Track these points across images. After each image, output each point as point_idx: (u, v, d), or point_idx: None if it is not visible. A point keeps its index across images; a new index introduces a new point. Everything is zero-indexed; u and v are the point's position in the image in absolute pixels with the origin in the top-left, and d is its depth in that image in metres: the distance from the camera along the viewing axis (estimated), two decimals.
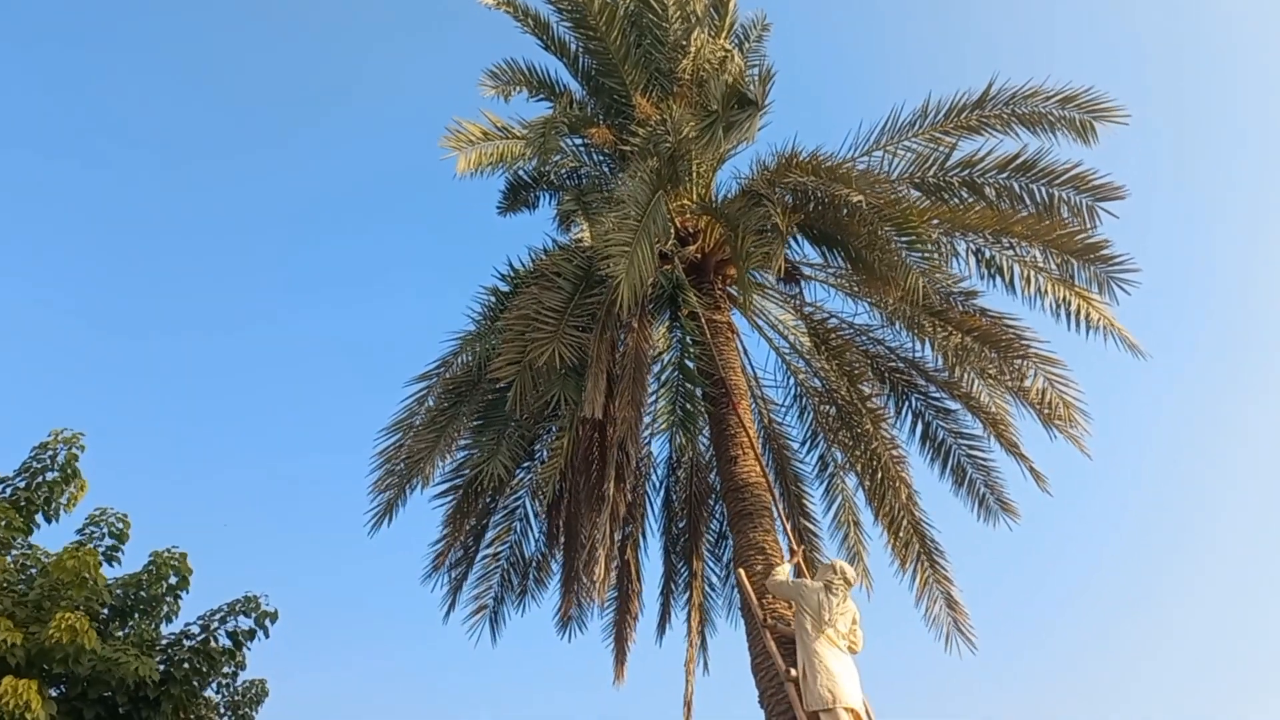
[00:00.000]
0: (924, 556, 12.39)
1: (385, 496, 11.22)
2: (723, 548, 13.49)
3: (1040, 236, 10.60)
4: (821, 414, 13.09)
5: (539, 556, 12.80)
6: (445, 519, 11.64)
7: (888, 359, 12.73)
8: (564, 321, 10.36)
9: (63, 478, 10.52)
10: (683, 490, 13.46)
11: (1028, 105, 11.05)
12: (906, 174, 11.54)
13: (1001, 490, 12.40)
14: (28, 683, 8.18)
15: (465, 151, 12.66)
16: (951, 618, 12.34)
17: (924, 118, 11.63)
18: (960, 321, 11.40)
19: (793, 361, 13.34)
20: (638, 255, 9.65)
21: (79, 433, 10.73)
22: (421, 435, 11.29)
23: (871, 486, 12.60)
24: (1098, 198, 10.59)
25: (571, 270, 10.98)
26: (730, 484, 11.02)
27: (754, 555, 10.30)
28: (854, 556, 13.19)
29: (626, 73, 12.76)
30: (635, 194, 10.44)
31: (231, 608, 10.27)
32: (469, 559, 12.38)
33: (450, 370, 12.00)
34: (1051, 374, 11.23)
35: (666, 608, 13.91)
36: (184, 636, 10.20)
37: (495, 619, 12.71)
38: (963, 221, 11.06)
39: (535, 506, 12.40)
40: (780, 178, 10.97)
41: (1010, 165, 10.94)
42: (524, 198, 14.04)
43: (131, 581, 10.38)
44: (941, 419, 12.57)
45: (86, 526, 10.61)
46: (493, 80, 13.45)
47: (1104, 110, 10.74)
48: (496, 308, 11.78)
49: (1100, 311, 10.79)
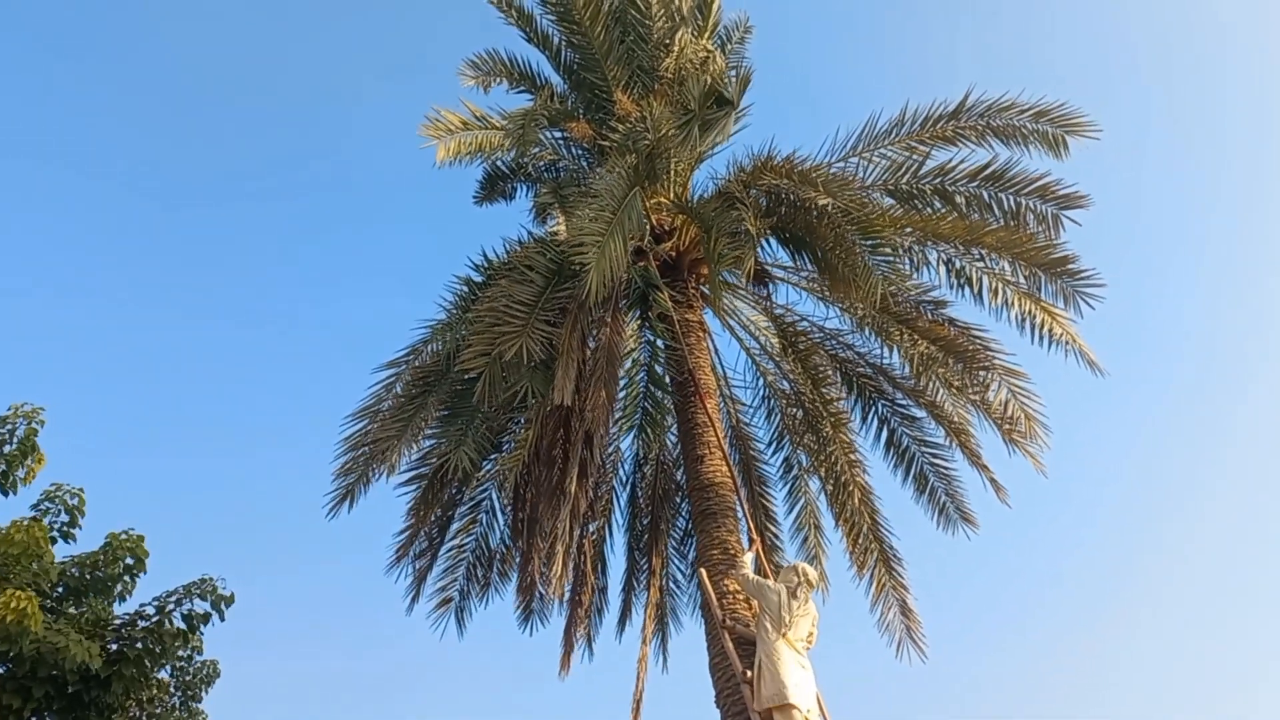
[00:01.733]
0: (881, 563, 12.49)
1: (346, 481, 11.15)
2: (688, 545, 13.51)
3: (1010, 248, 10.71)
4: (788, 416, 13.16)
5: (504, 549, 12.76)
6: (409, 508, 11.58)
7: (856, 364, 12.81)
8: (534, 315, 10.32)
9: (20, 451, 10.38)
10: (649, 487, 13.48)
11: (1002, 118, 11.15)
12: (880, 181, 11.63)
13: (962, 500, 12.54)
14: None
15: (444, 140, 12.62)
16: (905, 624, 12.45)
17: (900, 126, 11.71)
18: (928, 330, 11.50)
19: (762, 362, 13.40)
20: (610, 247, 9.64)
21: (39, 407, 10.60)
22: (388, 423, 11.24)
23: (833, 491, 12.69)
24: (1063, 206, 10.73)
25: (545, 264, 10.95)
26: (696, 482, 11.04)
27: (717, 554, 10.34)
28: (813, 559, 13.26)
29: (609, 68, 12.76)
30: (611, 188, 10.45)
31: (187, 590, 10.17)
32: (433, 550, 12.33)
33: (420, 358, 11.94)
34: (1015, 386, 11.36)
35: (628, 603, 13.93)
36: (138, 617, 10.10)
37: (461, 612, 12.68)
38: (935, 231, 11.15)
39: (501, 499, 12.38)
40: (755, 180, 11.02)
41: (981, 174, 11.05)
42: (501, 188, 14.02)
43: (86, 561, 10.27)
44: (907, 426, 12.67)
45: (41, 502, 10.49)
46: (473, 70, 13.41)
47: (1076, 125, 10.87)
48: (469, 298, 11.73)
49: (1063, 326, 10.92)
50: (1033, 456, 11.48)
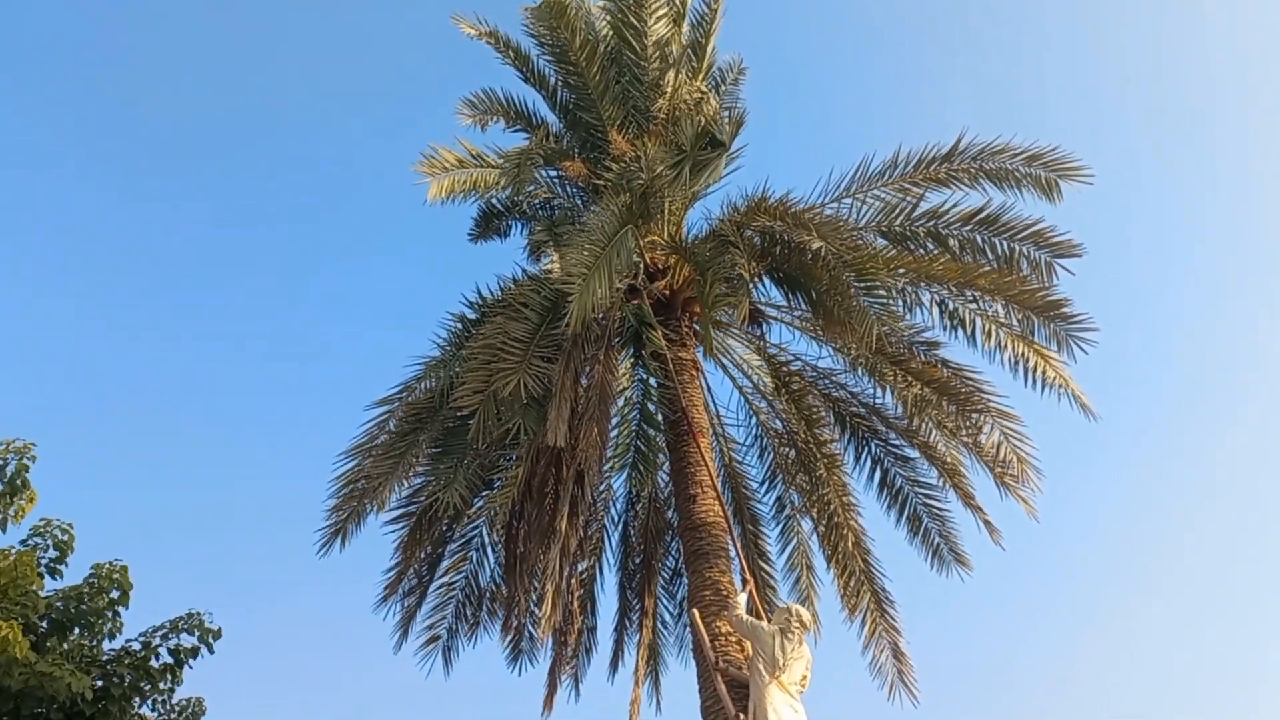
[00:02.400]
0: (874, 605, 12.43)
1: (338, 518, 11.10)
2: (678, 585, 13.44)
3: (1003, 291, 10.76)
4: (781, 455, 13.14)
5: (494, 587, 12.66)
6: (399, 546, 11.51)
7: (849, 403, 12.82)
8: (529, 352, 10.36)
9: (10, 489, 10.30)
10: (641, 525, 13.42)
11: (995, 161, 11.23)
12: (874, 222, 11.69)
13: (956, 541, 12.50)
14: None
15: (439, 178, 12.67)
16: (897, 668, 12.36)
17: (894, 168, 11.79)
18: (921, 372, 11.52)
19: (755, 401, 13.40)
20: (594, 280, 9.64)
21: (30, 443, 10.51)
22: (380, 460, 11.21)
23: (825, 532, 12.65)
24: (1056, 254, 10.78)
25: (539, 301, 10.99)
26: (688, 522, 11.01)
27: (709, 595, 10.28)
28: (805, 600, 13.22)
29: (604, 108, 12.86)
30: (602, 225, 10.51)
31: (174, 624, 10.07)
32: (423, 587, 12.22)
33: (413, 395, 11.94)
34: (1008, 429, 11.37)
35: (620, 643, 13.82)
36: (124, 652, 9.99)
37: (449, 650, 12.55)
38: (928, 272, 11.21)
39: (492, 536, 12.30)
40: (749, 220, 11.10)
41: (974, 218, 11.11)
42: (496, 225, 14.08)
43: (72, 594, 10.16)
44: (900, 466, 12.66)
45: (31, 538, 10.38)
46: (470, 109, 13.51)
47: (1068, 169, 10.93)
48: (463, 335, 11.76)
49: (1056, 370, 10.94)
50: (1025, 500, 11.49)
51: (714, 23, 13.62)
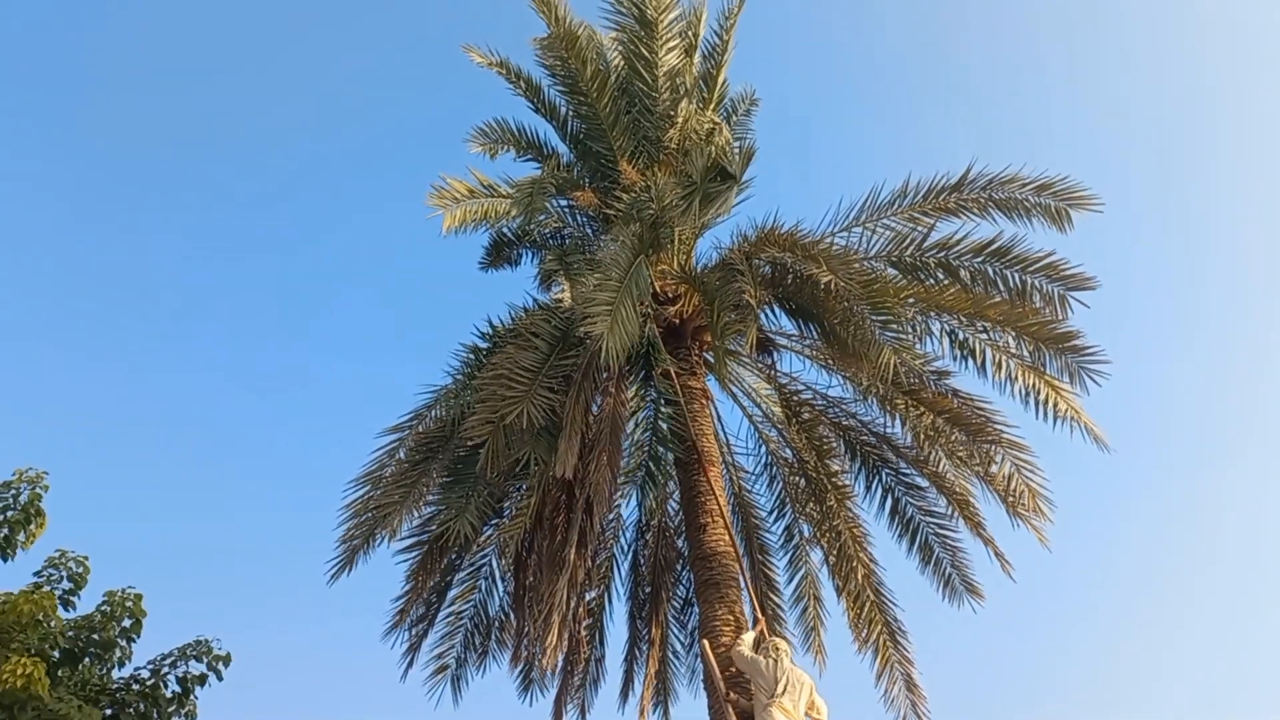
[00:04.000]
0: (885, 636, 12.36)
1: (348, 547, 11.09)
2: (689, 614, 13.38)
3: (1014, 322, 10.72)
4: (791, 485, 13.11)
5: (503, 616, 12.61)
6: (409, 575, 11.46)
7: (860, 432, 12.78)
8: (537, 382, 10.37)
9: (23, 517, 10.34)
10: (650, 555, 13.38)
11: (1005, 190, 11.21)
12: (884, 252, 11.67)
13: (967, 571, 12.43)
14: None
15: (450, 209, 12.76)
16: (910, 700, 12.29)
17: (903, 197, 11.78)
18: (932, 402, 11.49)
19: (765, 430, 13.38)
20: (620, 315, 9.72)
21: (43, 472, 10.56)
22: (390, 489, 11.21)
23: (835, 562, 12.60)
24: (1069, 287, 10.71)
25: (549, 330, 11.02)
26: (698, 552, 10.99)
27: (719, 626, 10.28)
28: (811, 631, 13.19)
29: (614, 138, 12.94)
30: (618, 257, 10.56)
31: (182, 652, 10.04)
32: (430, 616, 12.17)
33: (423, 424, 11.95)
34: (1019, 460, 11.31)
35: (630, 673, 13.72)
36: (133, 681, 9.97)
37: (457, 679, 12.49)
38: (938, 302, 11.19)
39: (501, 565, 12.26)
40: (759, 251, 11.11)
41: (986, 250, 11.07)
42: (507, 254, 14.12)
43: (84, 624, 10.16)
44: (911, 496, 12.60)
45: (45, 569, 10.39)
46: (481, 138, 13.61)
47: (1079, 199, 10.90)
48: (474, 365, 11.78)
49: (1068, 402, 10.89)
50: (1037, 531, 11.40)
51: (725, 54, 13.72)
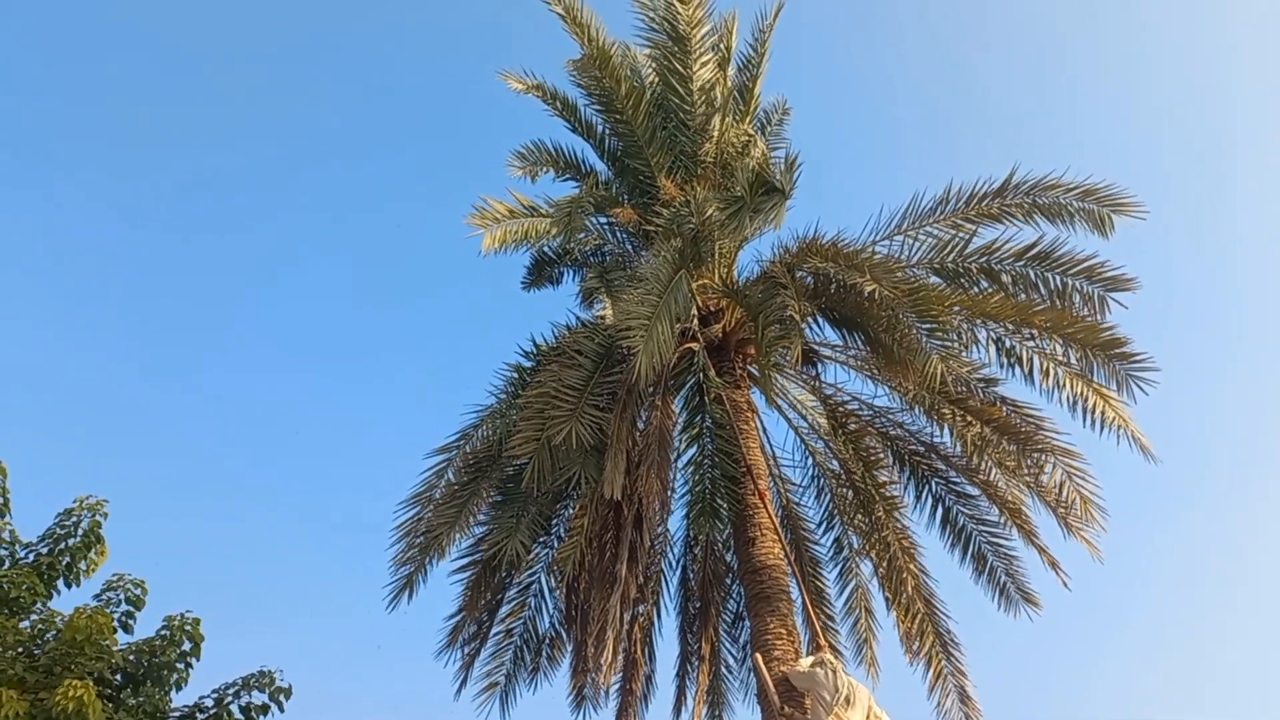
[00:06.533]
0: (938, 648, 12.25)
1: (405, 571, 11.22)
2: (740, 628, 13.34)
3: (1060, 329, 10.63)
4: (839, 496, 13.04)
5: (553, 634, 12.67)
6: (462, 594, 11.58)
7: (908, 442, 12.69)
8: (584, 400, 10.44)
9: (84, 544, 10.55)
10: (699, 569, 13.36)
11: (1048, 196, 11.13)
12: (926, 259, 11.65)
13: (1022, 580, 12.29)
14: None
15: (490, 229, 12.89)
16: (964, 713, 12.17)
17: (945, 204, 11.73)
18: (980, 411, 11.39)
19: (811, 442, 13.33)
20: (657, 331, 9.77)
21: (103, 499, 10.76)
22: (441, 510, 11.30)
23: (886, 574, 12.51)
24: (1109, 288, 10.63)
25: (593, 348, 11.09)
26: (748, 565, 10.99)
27: (771, 639, 10.28)
28: (863, 644, 13.10)
29: (651, 155, 12.99)
30: (658, 272, 10.62)
31: (245, 682, 10.16)
32: (483, 634, 12.28)
33: (470, 443, 12.04)
34: (1071, 467, 11.17)
35: (682, 688, 13.67)
36: (197, 710, 10.11)
37: (506, 696, 12.55)
38: (983, 309, 11.12)
39: (550, 582, 12.32)
40: (801, 261, 11.12)
41: (1027, 254, 11.02)
42: (548, 273, 14.22)
43: (144, 648, 10.33)
44: (962, 504, 12.49)
45: (104, 592, 10.59)
46: (520, 161, 13.72)
47: (1122, 205, 10.81)
48: (519, 384, 11.87)
49: (1116, 410, 10.74)
50: (1088, 542, 11.25)
51: (760, 66, 13.77)
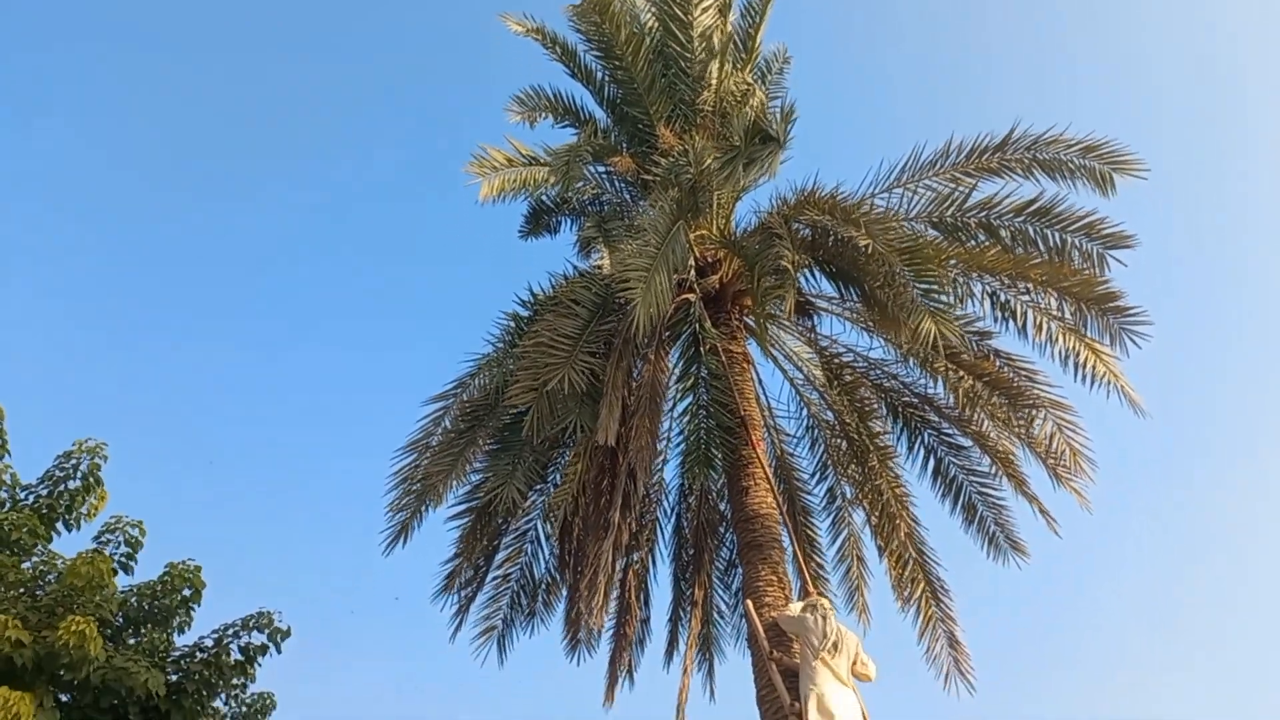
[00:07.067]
0: (928, 594, 12.43)
1: (400, 517, 11.34)
2: (732, 575, 13.52)
3: (1056, 283, 10.65)
4: (833, 447, 13.15)
5: (549, 579, 12.85)
6: (458, 540, 11.72)
7: (901, 394, 12.78)
8: (578, 348, 10.49)
9: (84, 487, 10.68)
10: (693, 517, 13.52)
11: (1049, 151, 11.06)
12: (925, 212, 11.60)
13: (1012, 529, 12.44)
14: (20, 695, 8.26)
15: (489, 178, 12.86)
16: (953, 657, 12.38)
17: (945, 157, 11.65)
18: (973, 364, 11.46)
19: (806, 393, 13.40)
20: (655, 282, 9.78)
21: (102, 443, 10.92)
22: (438, 458, 11.40)
23: (878, 523, 12.66)
24: (1108, 245, 10.62)
25: (589, 298, 11.11)
26: (741, 514, 11.11)
27: (763, 586, 10.41)
28: (855, 591, 13.30)
29: (651, 102, 12.90)
30: (656, 223, 10.60)
31: (245, 623, 10.40)
32: (479, 579, 12.43)
33: (467, 392, 12.11)
34: (1062, 420, 11.26)
35: (674, 633, 13.91)
36: (197, 649, 10.33)
37: (503, 640, 12.76)
38: (980, 263, 11.13)
39: (546, 529, 12.46)
40: (798, 214, 11.08)
41: (1027, 210, 10.98)
42: (546, 222, 14.21)
43: (145, 591, 10.52)
44: (954, 455, 12.61)
45: (103, 534, 10.76)
46: (519, 106, 13.61)
47: (1124, 163, 10.74)
48: (515, 333, 11.90)
49: (1107, 365, 10.79)
50: (1078, 492, 11.38)
51: (763, 13, 13.58)
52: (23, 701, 8.15)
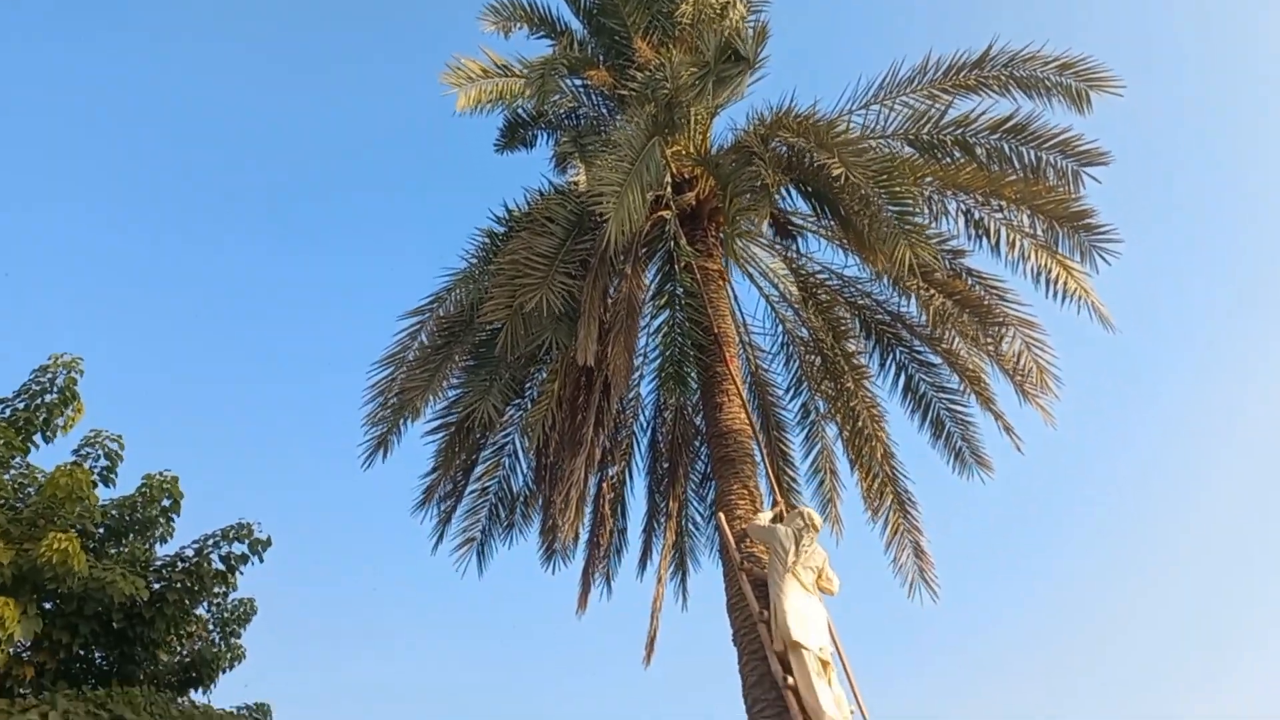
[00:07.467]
0: (896, 505, 12.76)
1: (379, 431, 11.46)
2: (707, 489, 13.76)
3: (1029, 200, 10.71)
4: (807, 363, 13.32)
5: (526, 492, 13.06)
6: (437, 454, 11.86)
7: (874, 311, 12.90)
8: (555, 268, 10.48)
9: (61, 400, 10.71)
10: (669, 432, 13.71)
11: (1026, 68, 11.01)
12: (901, 130, 11.58)
13: (978, 444, 12.70)
14: (3, 600, 8.39)
15: (465, 88, 12.67)
16: (918, 565, 12.75)
17: (923, 74, 11.57)
18: (945, 283, 11.57)
19: (781, 310, 13.52)
20: (628, 199, 9.72)
21: (77, 357, 10.92)
22: (415, 373, 11.48)
23: (850, 437, 12.90)
24: (1083, 162, 10.65)
25: (565, 215, 11.06)
26: (715, 430, 11.27)
27: (735, 500, 10.59)
28: (828, 503, 13.58)
29: (628, 13, 12.66)
30: (630, 139, 10.49)
31: (225, 533, 10.57)
32: (458, 492, 12.61)
33: (443, 307, 12.14)
34: (1030, 338, 11.45)
35: (648, 544, 14.22)
36: (178, 559, 10.52)
37: (482, 551, 13.01)
38: (955, 181, 11.16)
39: (523, 443, 12.60)
40: (774, 132, 11.02)
41: (1002, 126, 10.97)
42: (522, 136, 14.03)
43: (125, 503, 10.65)
44: (924, 373, 12.80)
45: (82, 448, 10.84)
46: (494, 15, 13.36)
47: (1100, 79, 10.71)
48: (491, 249, 11.88)
49: (1078, 281, 10.94)
50: (1043, 408, 11.63)
51: None
52: (6, 606, 8.30)
